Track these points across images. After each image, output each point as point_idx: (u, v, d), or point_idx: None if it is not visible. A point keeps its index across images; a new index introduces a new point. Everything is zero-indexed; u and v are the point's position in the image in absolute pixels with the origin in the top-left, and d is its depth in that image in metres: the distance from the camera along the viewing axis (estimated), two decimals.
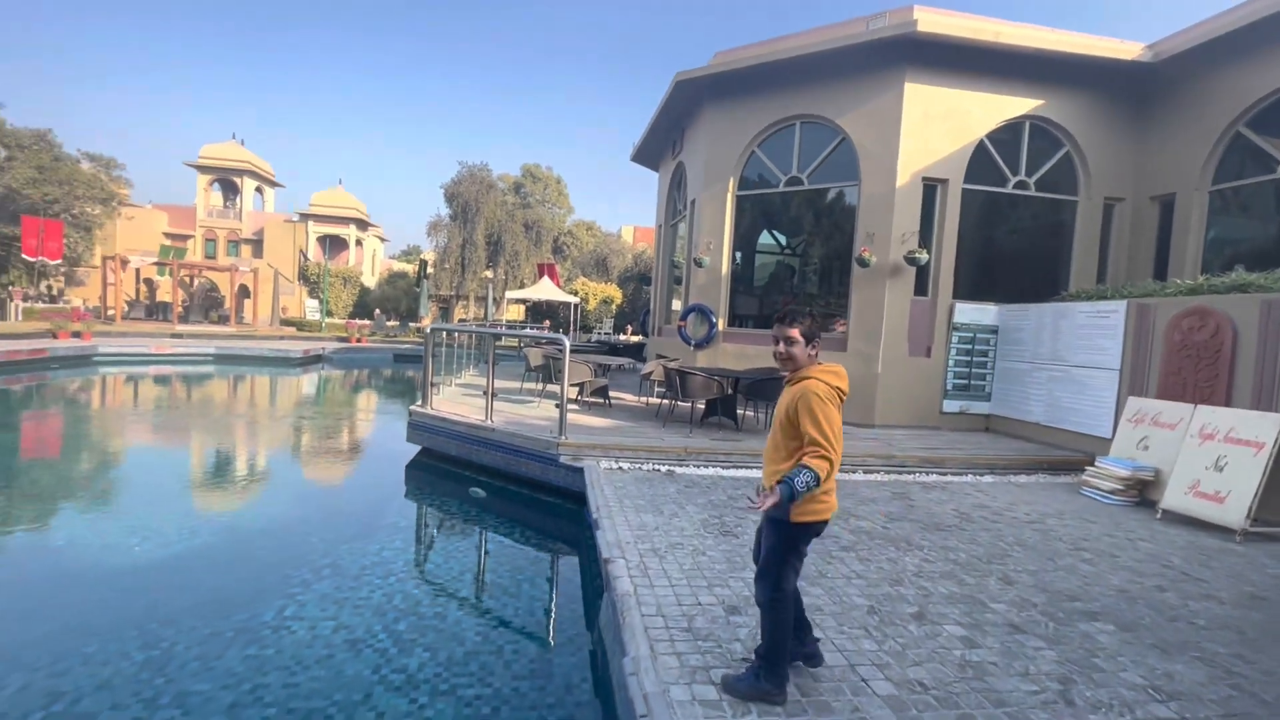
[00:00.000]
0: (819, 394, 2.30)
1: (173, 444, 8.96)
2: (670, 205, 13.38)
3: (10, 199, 21.25)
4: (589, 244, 42.85)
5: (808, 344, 2.46)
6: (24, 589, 4.47)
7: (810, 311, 2.56)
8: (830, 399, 2.33)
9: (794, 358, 2.46)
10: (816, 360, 2.49)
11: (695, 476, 5.90)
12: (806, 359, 2.46)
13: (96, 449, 8.46)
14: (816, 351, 2.49)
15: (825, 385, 2.35)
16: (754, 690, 2.39)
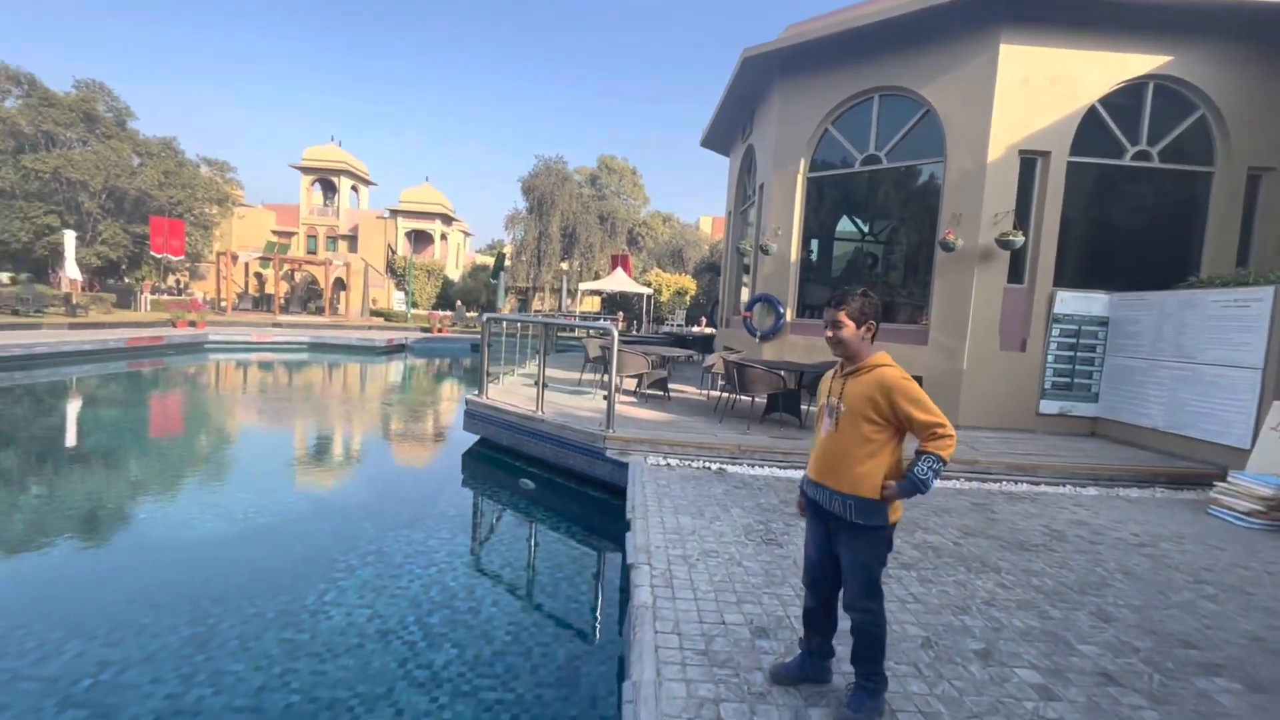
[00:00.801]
0: (904, 376, 2.17)
1: (254, 426, 9.52)
2: (740, 191, 12.85)
3: (142, 202, 23.64)
4: (664, 235, 42.54)
5: (859, 326, 2.24)
6: (106, 557, 4.78)
7: (864, 291, 2.29)
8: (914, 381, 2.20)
9: (844, 343, 2.26)
10: (871, 346, 2.28)
11: (747, 476, 5.52)
12: (860, 344, 2.25)
13: (188, 430, 9.12)
14: (872, 335, 2.27)
15: (895, 368, 2.22)
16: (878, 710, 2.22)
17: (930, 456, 2.10)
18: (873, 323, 2.25)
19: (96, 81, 24.41)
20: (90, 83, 24.21)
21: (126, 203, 23.52)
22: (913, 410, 2.11)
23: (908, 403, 2.12)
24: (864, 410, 2.18)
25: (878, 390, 2.16)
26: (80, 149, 22.58)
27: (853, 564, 2.24)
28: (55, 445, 7.74)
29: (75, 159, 21.53)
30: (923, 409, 2.11)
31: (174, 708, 3.12)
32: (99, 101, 23.97)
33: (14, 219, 21.38)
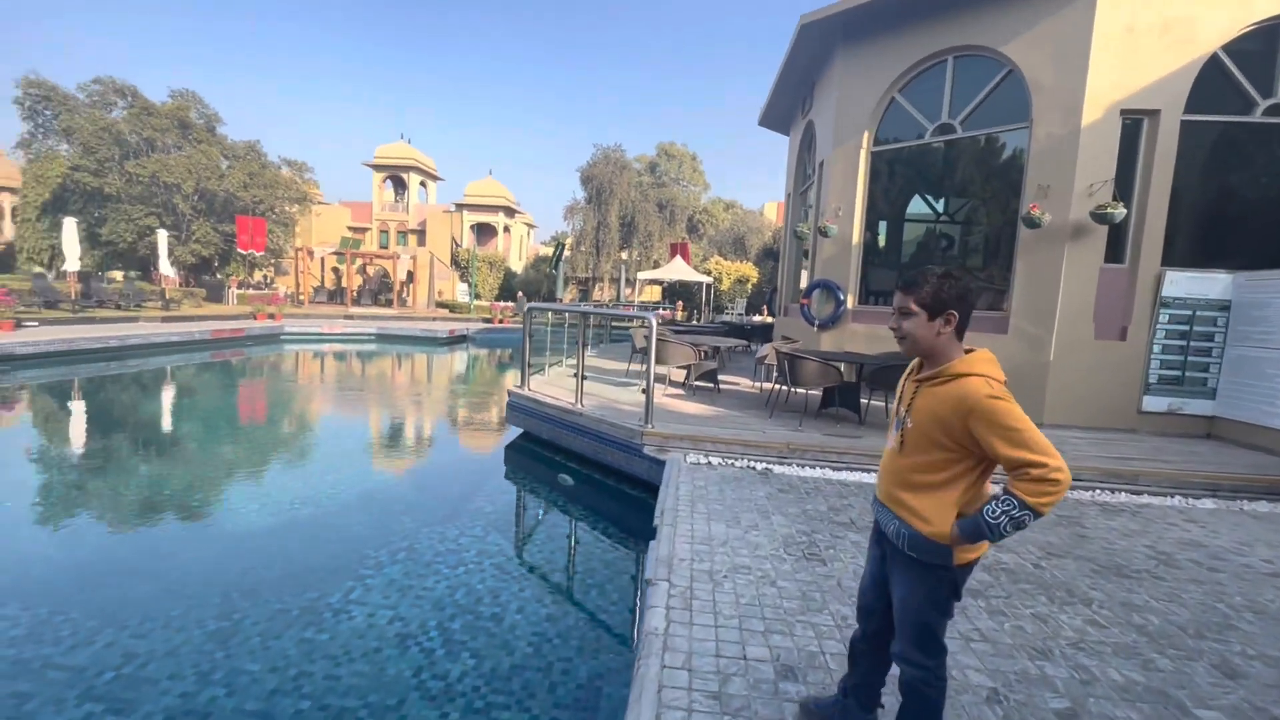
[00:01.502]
0: (998, 395, 1.61)
1: (311, 417, 9.79)
2: (799, 171, 12.13)
3: (229, 202, 25.21)
4: (725, 222, 41.60)
5: (933, 317, 1.75)
6: (152, 544, 4.88)
7: (945, 272, 1.77)
8: (1008, 394, 1.63)
9: (911, 337, 1.80)
10: (955, 343, 1.77)
11: (795, 479, 5.06)
12: (934, 340, 1.76)
13: (248, 419, 9.46)
14: (950, 328, 1.75)
15: (987, 381, 1.65)
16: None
17: (1012, 500, 1.57)
18: (953, 313, 1.74)
19: (189, 91, 26.16)
20: (184, 92, 25.96)
21: (216, 203, 25.14)
22: (998, 443, 1.60)
23: (994, 433, 1.60)
24: (933, 434, 1.72)
25: (954, 410, 1.66)
26: (175, 154, 24.26)
27: (905, 605, 1.82)
28: (125, 432, 8.18)
29: (170, 163, 23.15)
30: (1013, 443, 1.58)
31: (186, 707, 3.06)
32: (191, 109, 25.66)
33: (120, 221, 23.27)
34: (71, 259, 15.82)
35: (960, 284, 1.76)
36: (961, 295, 1.75)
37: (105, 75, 24.14)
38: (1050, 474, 1.53)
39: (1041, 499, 1.54)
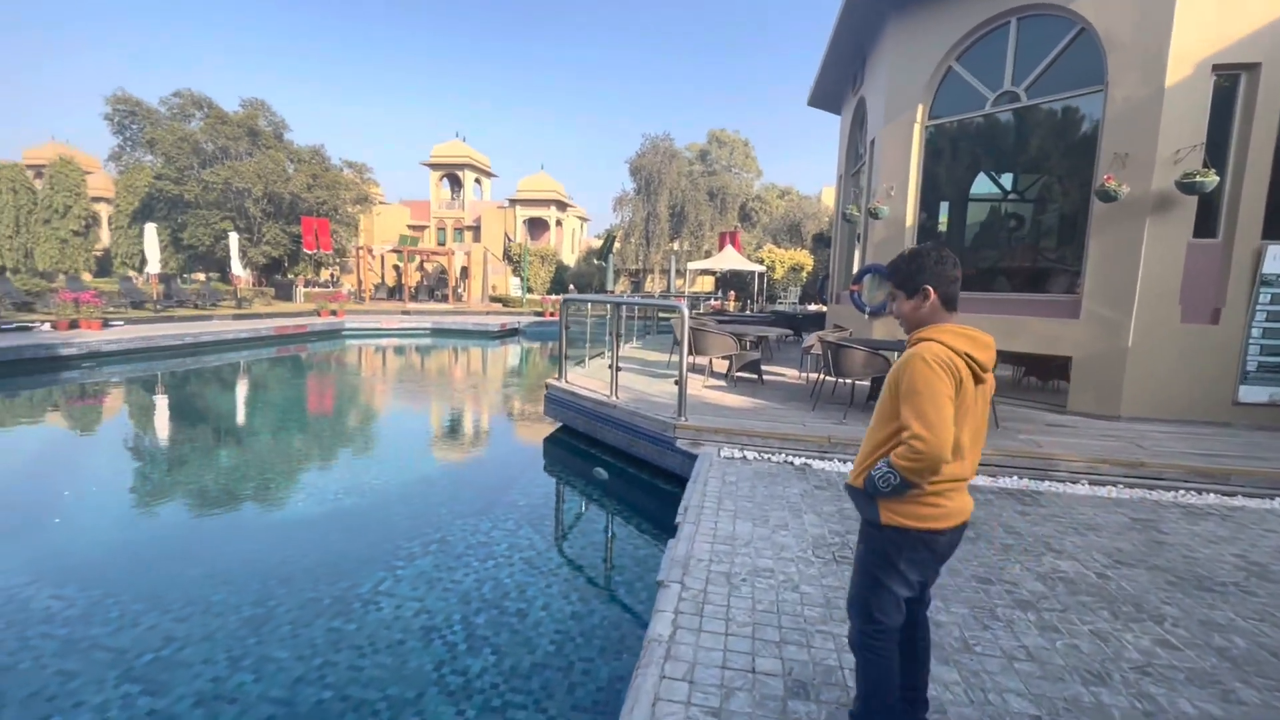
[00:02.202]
0: (925, 360, 1.66)
1: (361, 409, 10.08)
2: (850, 151, 11.58)
3: (295, 204, 26.46)
4: (779, 209, 40.57)
5: (911, 296, 1.83)
6: (203, 530, 5.09)
7: (915, 251, 1.86)
8: (943, 367, 1.66)
9: (902, 317, 1.89)
10: (940, 315, 1.82)
11: (835, 475, 4.77)
12: (918, 317, 1.83)
13: (300, 411, 9.81)
14: (929, 302, 1.81)
15: (941, 348, 1.69)
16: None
17: (887, 459, 1.69)
18: (928, 288, 1.78)
19: (259, 100, 27.58)
20: (254, 101, 27.38)
21: (283, 206, 26.46)
22: (900, 401, 1.68)
23: (902, 390, 1.68)
24: (887, 401, 1.78)
25: (896, 371, 1.74)
26: (246, 160, 25.65)
27: (856, 559, 1.91)
28: (189, 424, 8.65)
29: (241, 169, 24.51)
30: (906, 403, 1.66)
31: (215, 691, 3.14)
32: (260, 117, 27.04)
33: (198, 226, 24.83)
34: (153, 262, 16.99)
35: (925, 258, 1.81)
36: (929, 268, 1.79)
37: (184, 88, 25.74)
38: (910, 439, 1.61)
39: (902, 462, 1.64)
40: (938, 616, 2.64)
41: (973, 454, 1.79)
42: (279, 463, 6.87)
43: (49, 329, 12.42)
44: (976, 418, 1.77)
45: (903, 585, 1.80)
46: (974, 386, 1.74)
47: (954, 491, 1.76)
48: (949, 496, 1.75)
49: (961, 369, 1.69)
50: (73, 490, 5.87)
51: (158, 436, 7.95)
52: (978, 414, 1.77)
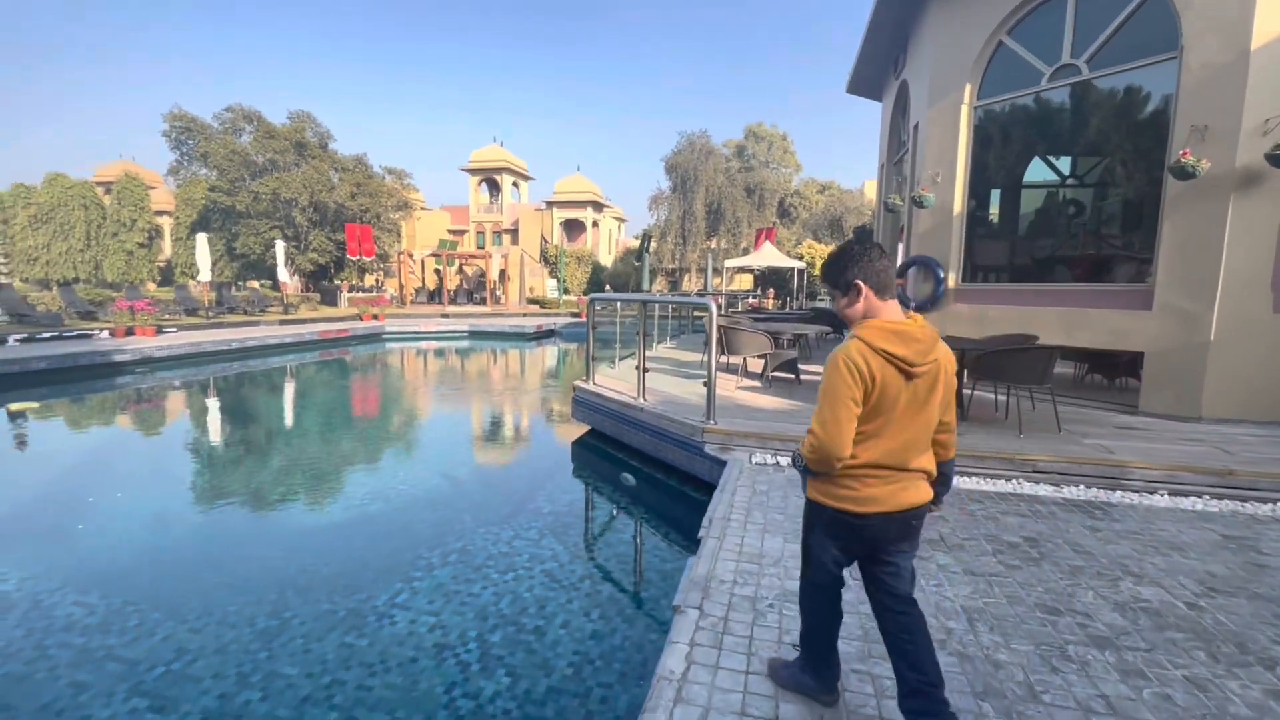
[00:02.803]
0: (838, 362, 1.78)
1: (393, 412, 10.09)
2: (893, 139, 11.02)
3: (339, 212, 27.17)
4: (819, 204, 39.58)
5: (845, 293, 1.90)
6: (228, 535, 5.03)
7: (837, 250, 1.95)
8: (851, 370, 1.75)
9: (842, 315, 1.96)
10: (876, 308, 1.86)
11: None
12: (853, 312, 1.90)
13: (333, 414, 9.88)
14: (860, 296, 1.86)
15: (859, 346, 1.78)
16: (794, 681, 2.15)
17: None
18: (857, 283, 1.84)
19: (305, 112, 28.43)
20: (300, 113, 28.24)
21: (328, 214, 27.20)
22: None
23: (820, 386, 1.83)
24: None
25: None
26: (293, 171, 26.47)
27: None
28: (223, 428, 8.79)
29: (288, 180, 25.29)
30: (818, 399, 1.82)
31: (221, 709, 3.03)
32: (306, 129, 27.87)
33: (249, 235, 25.76)
34: (204, 270, 17.65)
35: (849, 253, 1.87)
36: (855, 262, 1.84)
37: (235, 103, 26.76)
38: (808, 433, 1.82)
39: (803, 450, 1.86)
40: (996, 655, 2.29)
41: (916, 448, 1.84)
42: (309, 467, 6.87)
43: (107, 336, 12.98)
44: (921, 411, 1.81)
45: (824, 553, 1.97)
46: (903, 382, 1.76)
47: (875, 479, 1.82)
48: (867, 483, 1.82)
49: (876, 369, 1.74)
50: (107, 493, 5.97)
51: (193, 440, 8.10)
52: (921, 407, 1.81)
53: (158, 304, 16.63)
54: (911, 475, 1.85)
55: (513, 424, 9.38)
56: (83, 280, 30.27)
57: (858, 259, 1.85)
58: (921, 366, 1.77)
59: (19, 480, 6.34)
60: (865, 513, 1.84)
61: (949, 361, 1.87)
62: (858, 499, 1.84)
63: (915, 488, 1.87)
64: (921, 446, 1.87)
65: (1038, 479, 4.48)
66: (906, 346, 1.76)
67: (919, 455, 1.86)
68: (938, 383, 1.82)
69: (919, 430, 1.84)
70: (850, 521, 1.87)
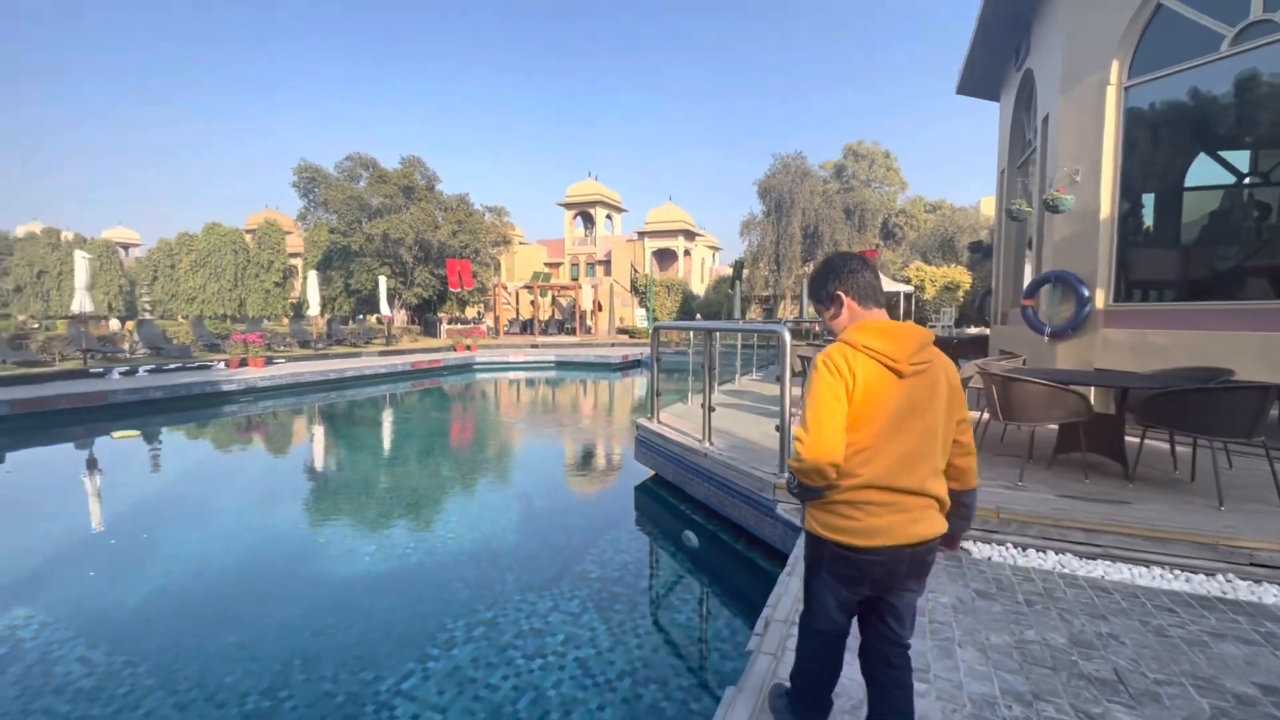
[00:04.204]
0: (818, 362, 1.67)
1: (460, 450, 9.67)
2: (1015, 139, 9.56)
3: (443, 249, 28.63)
4: (928, 223, 36.84)
5: (829, 306, 1.80)
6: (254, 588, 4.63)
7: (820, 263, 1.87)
8: (830, 367, 1.63)
9: (831, 332, 1.84)
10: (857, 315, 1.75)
11: (1010, 570, 3.28)
12: (839, 324, 1.79)
13: (400, 450, 9.65)
14: (843, 307, 1.77)
15: (839, 346, 1.67)
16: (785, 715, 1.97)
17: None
18: (839, 292, 1.75)
19: (415, 157, 30.49)
20: (410, 159, 30.32)
21: (432, 251, 28.73)
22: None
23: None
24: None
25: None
26: (402, 213, 28.30)
27: None
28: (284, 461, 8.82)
29: (395, 221, 27.03)
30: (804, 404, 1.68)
31: None
32: (416, 173, 29.81)
33: (362, 273, 27.69)
34: (314, 305, 18.92)
35: (829, 264, 1.80)
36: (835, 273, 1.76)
37: (355, 152, 29.22)
38: (799, 441, 1.63)
39: (791, 463, 1.67)
40: None
41: (922, 465, 1.63)
42: (357, 510, 6.58)
43: (223, 367, 13.99)
44: (922, 419, 1.63)
45: (827, 597, 1.75)
46: (894, 381, 1.62)
47: (879, 506, 1.62)
48: (870, 511, 1.62)
49: (858, 366, 1.62)
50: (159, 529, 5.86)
51: (254, 476, 7.99)
52: (922, 414, 1.63)
53: (275, 336, 17.93)
54: (923, 501, 1.65)
55: (578, 466, 8.76)
56: (230, 316, 33.92)
57: (838, 270, 1.77)
58: (912, 364, 1.63)
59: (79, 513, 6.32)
60: (872, 546, 1.63)
61: (951, 370, 1.70)
62: (861, 530, 1.63)
63: (928, 518, 1.65)
64: (929, 464, 1.65)
65: (1258, 576, 3.16)
66: (891, 342, 1.64)
67: (928, 476, 1.64)
68: (937, 387, 1.66)
69: (923, 442, 1.64)
70: (855, 559, 1.66)
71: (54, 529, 5.85)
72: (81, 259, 12.46)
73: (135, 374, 12.17)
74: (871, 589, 1.69)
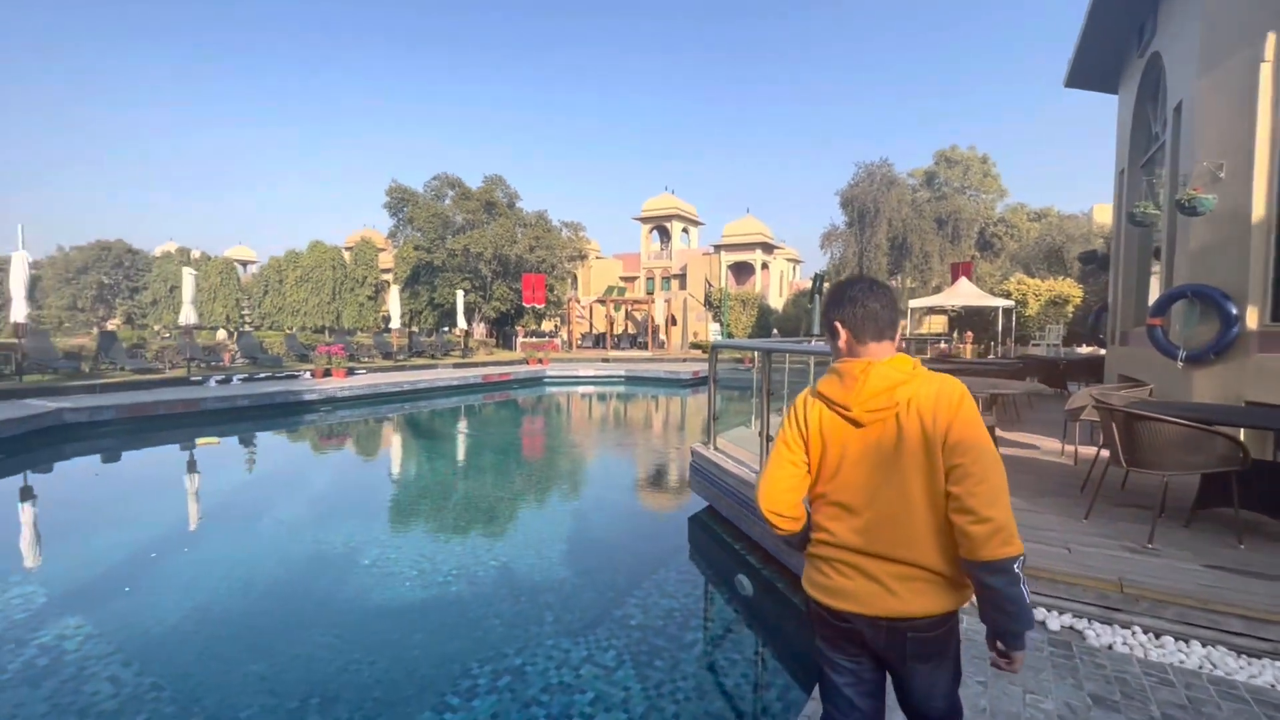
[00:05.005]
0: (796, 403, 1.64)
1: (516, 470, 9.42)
2: (1137, 134, 8.37)
3: (520, 264, 29.33)
4: (1031, 233, 33.99)
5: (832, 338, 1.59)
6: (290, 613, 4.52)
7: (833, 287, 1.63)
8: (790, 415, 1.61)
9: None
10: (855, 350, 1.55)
11: (1137, 664, 2.57)
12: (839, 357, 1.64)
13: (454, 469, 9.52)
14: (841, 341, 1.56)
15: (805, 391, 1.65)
16: None
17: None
18: (837, 323, 1.57)
19: (497, 176, 31.53)
20: (493, 177, 31.38)
21: (510, 266, 29.50)
22: None
23: None
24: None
25: None
26: (483, 229, 29.28)
27: None
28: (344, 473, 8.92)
29: (476, 237, 27.95)
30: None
31: None
32: (497, 190, 30.80)
33: (444, 287, 28.80)
34: (395, 319, 19.73)
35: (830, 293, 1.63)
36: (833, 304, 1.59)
37: (441, 172, 30.60)
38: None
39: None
40: None
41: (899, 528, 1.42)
42: (404, 530, 6.48)
43: (309, 377, 14.74)
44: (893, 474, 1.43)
45: (828, 665, 1.57)
46: (851, 431, 1.49)
47: (840, 563, 1.48)
48: (837, 568, 1.49)
49: (810, 415, 1.55)
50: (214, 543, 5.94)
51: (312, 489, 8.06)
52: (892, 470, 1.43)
53: (359, 348, 18.82)
54: (902, 571, 1.41)
55: (634, 491, 8.33)
56: (328, 328, 36.29)
57: (837, 299, 1.58)
58: (870, 411, 1.45)
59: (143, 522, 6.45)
60: (839, 609, 1.48)
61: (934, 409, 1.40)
62: (832, 589, 1.49)
63: (908, 591, 1.40)
64: (909, 528, 1.41)
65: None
66: (845, 388, 1.50)
67: (910, 541, 1.41)
68: (905, 438, 1.42)
69: (898, 500, 1.42)
70: (829, 619, 1.52)
71: (117, 538, 5.99)
72: (188, 275, 13.54)
73: (230, 382, 13.00)
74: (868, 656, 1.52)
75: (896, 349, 1.55)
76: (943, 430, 1.39)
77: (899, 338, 1.57)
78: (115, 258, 47.40)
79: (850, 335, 1.53)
